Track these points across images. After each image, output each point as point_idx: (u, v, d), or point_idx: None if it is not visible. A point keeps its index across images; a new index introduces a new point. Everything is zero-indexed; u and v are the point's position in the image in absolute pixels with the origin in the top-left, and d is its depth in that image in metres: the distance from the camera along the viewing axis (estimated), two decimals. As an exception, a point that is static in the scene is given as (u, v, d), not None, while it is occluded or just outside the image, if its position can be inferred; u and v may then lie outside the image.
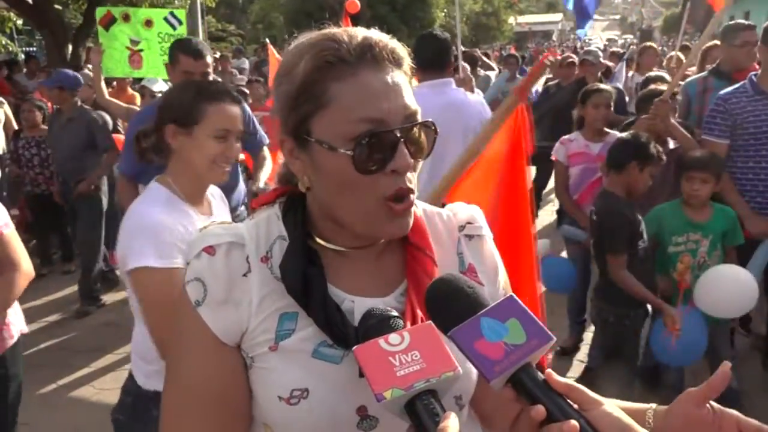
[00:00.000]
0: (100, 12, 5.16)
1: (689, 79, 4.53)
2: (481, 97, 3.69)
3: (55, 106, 5.54)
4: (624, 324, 3.16)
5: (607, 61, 8.48)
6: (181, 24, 5.09)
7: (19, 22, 13.64)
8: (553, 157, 4.05)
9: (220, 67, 10.47)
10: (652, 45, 7.47)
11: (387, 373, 0.72)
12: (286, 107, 0.90)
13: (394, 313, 0.84)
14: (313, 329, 0.89)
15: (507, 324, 0.75)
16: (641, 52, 7.16)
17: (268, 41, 8.57)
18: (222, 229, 0.94)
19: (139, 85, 6.64)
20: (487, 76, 8.86)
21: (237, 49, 17.93)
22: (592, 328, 3.75)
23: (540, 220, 6.49)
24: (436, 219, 1.04)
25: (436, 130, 0.90)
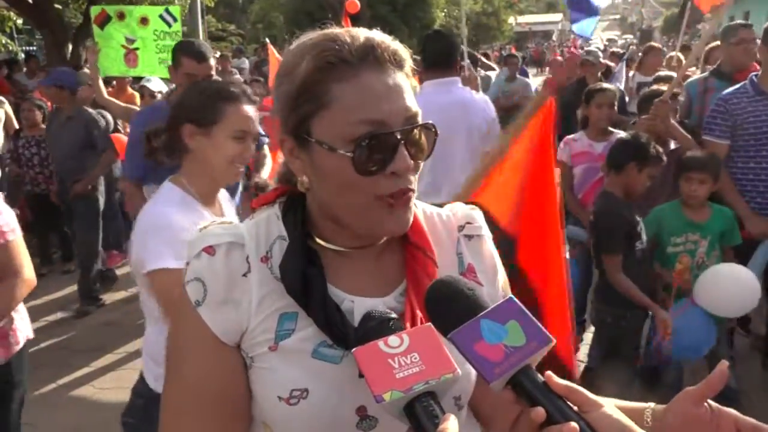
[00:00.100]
0: (95, 10, 5.12)
1: (690, 80, 4.53)
2: (486, 96, 3.70)
3: (54, 105, 5.52)
4: (621, 325, 3.15)
5: (607, 61, 8.46)
6: (176, 21, 5.02)
7: (19, 22, 13.62)
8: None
9: (220, 67, 10.45)
10: (657, 45, 7.45)
11: (386, 375, 0.72)
12: (287, 107, 0.90)
13: (394, 315, 0.84)
14: (312, 329, 0.89)
15: (506, 326, 0.75)
16: (646, 52, 7.13)
17: (268, 41, 8.54)
18: (222, 229, 0.94)
19: (139, 84, 6.61)
20: (487, 76, 8.89)
21: (237, 49, 17.91)
22: (592, 329, 3.75)
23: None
24: (435, 219, 1.04)
25: (437, 132, 0.90)
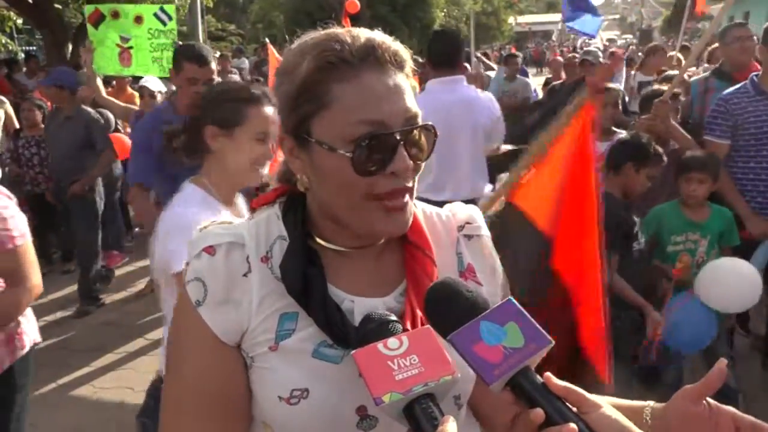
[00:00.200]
0: (89, 9, 5.08)
1: (691, 80, 4.54)
2: (490, 95, 3.72)
3: (53, 105, 5.50)
4: (615, 325, 3.15)
5: (607, 61, 8.47)
6: (171, 19, 4.96)
7: (19, 21, 13.62)
8: None
9: (220, 67, 10.43)
10: (660, 46, 7.45)
11: (385, 377, 0.72)
12: (287, 107, 0.90)
13: (393, 317, 0.84)
14: (313, 329, 0.89)
15: (505, 327, 0.75)
16: (649, 52, 7.13)
17: (268, 41, 8.53)
18: (222, 229, 0.94)
19: (138, 84, 6.59)
20: (487, 76, 8.90)
21: (237, 49, 17.90)
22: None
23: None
24: (435, 219, 1.04)
25: (436, 133, 0.90)
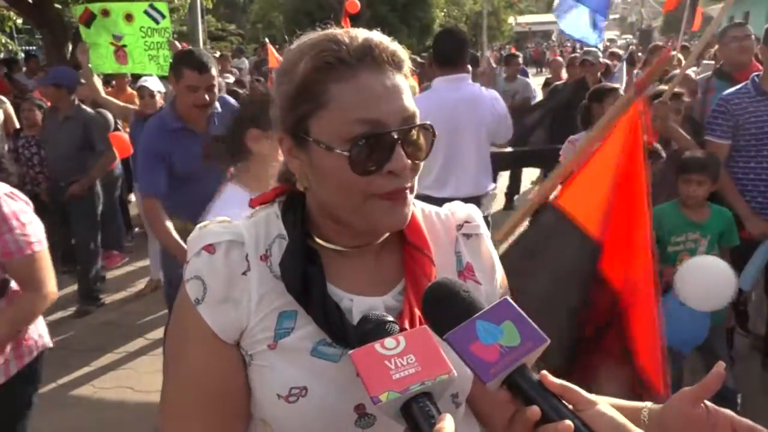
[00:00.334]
0: (78, 10, 5.08)
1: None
2: (495, 93, 3.74)
3: (52, 104, 5.46)
4: None
5: (606, 60, 8.48)
6: (164, 17, 4.93)
7: (19, 21, 13.62)
8: (561, 158, 4.04)
9: (220, 67, 10.43)
10: (661, 45, 7.45)
11: (383, 377, 0.72)
12: (285, 106, 0.91)
13: (390, 318, 0.85)
14: (311, 328, 0.89)
15: (502, 326, 0.75)
16: (651, 51, 7.13)
17: (267, 41, 8.54)
18: (221, 228, 0.94)
19: (137, 84, 6.59)
20: (487, 75, 8.93)
21: (237, 49, 17.92)
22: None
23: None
24: (434, 218, 1.05)
25: (434, 133, 0.91)
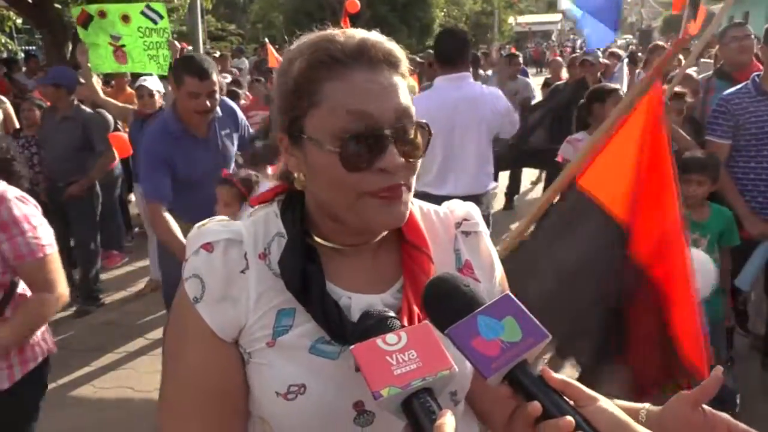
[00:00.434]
0: (75, 12, 5.08)
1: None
2: (497, 90, 3.75)
3: (50, 104, 5.40)
4: None
5: (606, 60, 8.49)
6: (162, 18, 4.92)
7: (19, 21, 13.62)
8: (559, 158, 4.04)
9: (220, 66, 10.43)
10: (661, 44, 7.44)
11: (384, 372, 0.72)
12: (283, 105, 0.91)
13: (392, 313, 0.85)
14: (310, 325, 0.89)
15: (503, 322, 0.75)
16: (652, 51, 7.12)
17: (267, 41, 8.54)
18: (220, 226, 0.94)
19: (137, 84, 6.58)
20: (486, 75, 8.97)
21: (238, 49, 17.92)
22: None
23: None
24: (432, 217, 1.05)
25: (431, 132, 0.90)
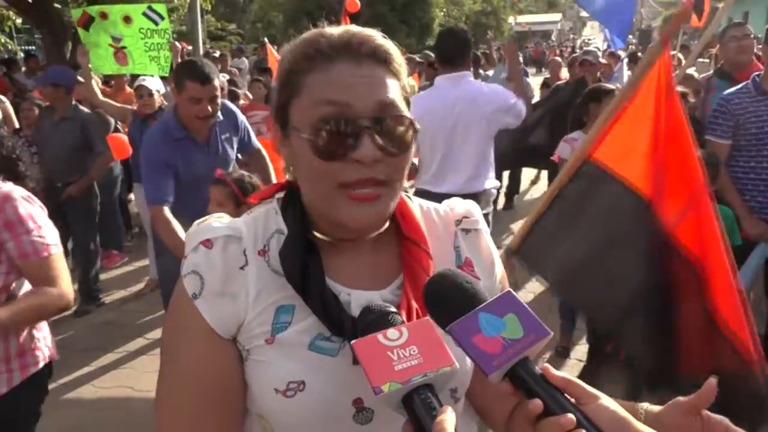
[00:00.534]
0: (76, 13, 5.07)
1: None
2: (497, 87, 3.78)
3: (48, 104, 5.36)
4: None
5: (606, 60, 8.49)
6: (163, 19, 4.92)
7: (19, 21, 13.64)
8: (555, 157, 4.04)
9: (219, 66, 10.44)
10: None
11: (385, 368, 0.72)
12: (275, 99, 0.94)
13: (393, 309, 0.85)
14: (309, 322, 0.89)
15: (504, 319, 0.75)
16: None
17: (266, 41, 8.55)
18: (219, 223, 0.95)
19: (136, 84, 6.58)
20: (486, 75, 8.95)
21: (238, 49, 17.91)
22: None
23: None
24: (432, 214, 1.05)
25: (416, 129, 0.90)
